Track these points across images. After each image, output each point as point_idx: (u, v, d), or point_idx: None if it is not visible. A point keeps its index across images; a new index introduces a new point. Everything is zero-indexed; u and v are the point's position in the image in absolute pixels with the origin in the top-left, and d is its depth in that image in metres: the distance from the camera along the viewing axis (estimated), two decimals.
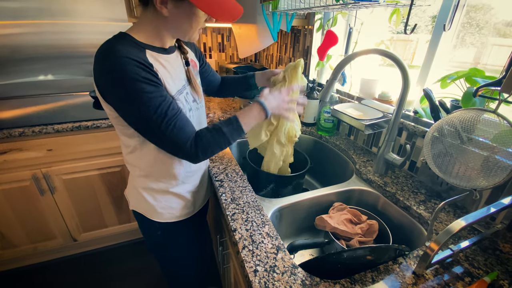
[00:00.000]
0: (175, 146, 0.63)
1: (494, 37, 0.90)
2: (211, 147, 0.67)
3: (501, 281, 0.55)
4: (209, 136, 0.66)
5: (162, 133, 0.61)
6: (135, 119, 0.61)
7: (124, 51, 0.56)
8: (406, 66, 0.76)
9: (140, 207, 0.82)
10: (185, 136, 0.63)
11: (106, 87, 0.58)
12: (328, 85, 0.85)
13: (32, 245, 1.51)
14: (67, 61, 1.25)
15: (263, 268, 0.56)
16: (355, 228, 0.76)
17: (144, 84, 0.56)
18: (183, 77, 0.74)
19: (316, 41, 1.37)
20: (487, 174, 0.63)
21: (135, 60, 0.56)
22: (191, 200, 0.87)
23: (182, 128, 0.62)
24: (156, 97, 0.58)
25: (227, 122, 0.68)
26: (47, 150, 1.33)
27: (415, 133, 0.89)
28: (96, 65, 0.57)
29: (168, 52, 0.69)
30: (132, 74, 0.55)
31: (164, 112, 0.59)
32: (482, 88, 0.65)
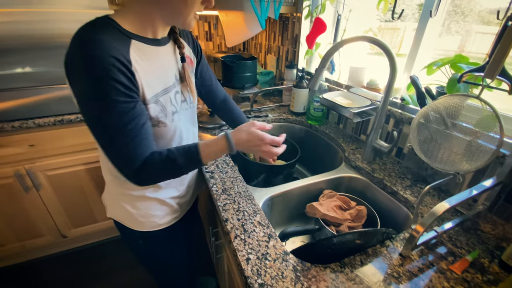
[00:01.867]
0: (119, 164, 0.56)
1: (478, 25, 0.91)
2: (158, 176, 0.61)
3: (482, 259, 0.58)
4: (160, 165, 0.57)
5: (113, 146, 0.54)
6: (90, 122, 0.53)
7: (103, 44, 0.47)
8: (393, 53, 0.76)
9: (118, 215, 0.75)
10: (134, 157, 0.55)
11: (72, 79, 0.50)
12: (317, 74, 0.85)
13: (19, 243, 1.47)
14: (44, 53, 1.19)
15: (255, 256, 0.57)
16: (345, 214, 0.78)
17: (113, 88, 0.48)
18: (174, 74, 0.66)
19: (304, 29, 1.35)
20: (470, 158, 0.65)
21: (113, 57, 0.48)
22: (175, 206, 0.79)
23: (135, 148, 0.54)
24: (124, 107, 0.50)
25: (185, 152, 0.60)
26: (29, 145, 1.28)
27: (402, 120, 0.91)
28: (69, 50, 0.48)
29: (159, 43, 0.61)
30: (104, 73, 0.47)
31: (123, 125, 0.51)
32: (466, 74, 0.66)
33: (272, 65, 1.74)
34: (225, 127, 1.21)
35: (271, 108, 1.42)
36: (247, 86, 1.39)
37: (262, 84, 1.62)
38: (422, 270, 0.55)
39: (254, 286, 0.51)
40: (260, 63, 1.92)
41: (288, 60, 1.55)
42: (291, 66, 1.42)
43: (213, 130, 1.18)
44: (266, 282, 0.52)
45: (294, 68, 1.42)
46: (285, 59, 1.58)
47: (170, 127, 0.65)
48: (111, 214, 0.77)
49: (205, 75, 0.85)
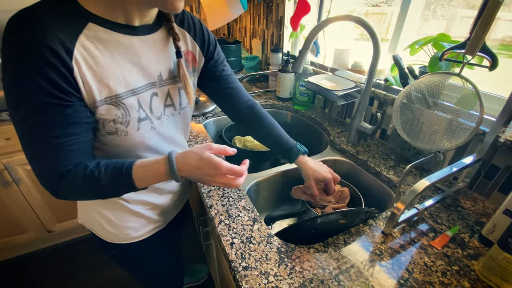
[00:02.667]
0: (36, 172, 0.46)
1: (464, 9, 0.91)
2: (77, 194, 0.50)
3: (462, 234, 0.60)
4: (80, 181, 0.46)
5: (29, 150, 0.44)
6: (17, 126, 0.42)
7: (39, 26, 0.38)
8: (377, 32, 0.75)
9: (88, 222, 0.66)
10: (52, 166, 0.45)
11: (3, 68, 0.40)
12: (301, 55, 0.83)
13: (2, 240, 1.43)
14: None
15: (240, 240, 0.57)
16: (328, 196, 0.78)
17: (39, 88, 0.39)
18: (158, 72, 0.54)
19: (289, 11, 1.32)
20: (450, 136, 0.65)
21: (47, 47, 0.38)
22: (155, 217, 0.68)
23: (57, 156, 0.44)
24: (47, 111, 0.40)
25: (115, 173, 0.47)
26: (5, 139, 1.22)
27: (385, 101, 0.91)
28: (4, 30, 0.38)
29: (135, 31, 0.48)
30: (32, 67, 0.38)
31: (46, 133, 0.42)
32: (447, 51, 0.66)
33: (257, 49, 1.70)
34: (210, 115, 1.18)
35: (257, 94, 1.39)
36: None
37: (247, 69, 1.58)
38: (404, 247, 0.56)
39: (238, 269, 0.51)
40: (245, 48, 1.88)
41: (273, 44, 1.51)
42: (277, 50, 1.39)
43: (197, 117, 1.15)
44: (250, 265, 0.51)
45: (279, 52, 1.39)
46: (271, 43, 1.54)
47: (133, 137, 0.51)
48: (81, 220, 0.68)
49: (221, 76, 0.67)
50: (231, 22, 2.00)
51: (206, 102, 1.21)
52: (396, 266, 0.52)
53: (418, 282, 0.49)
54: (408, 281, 0.49)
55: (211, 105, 1.20)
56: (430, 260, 0.53)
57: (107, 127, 0.48)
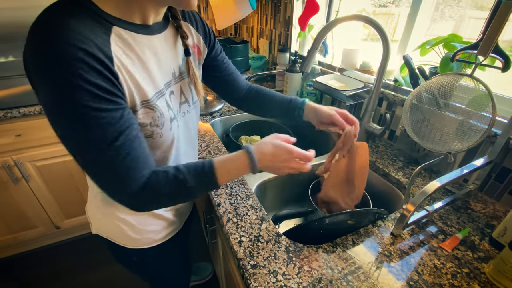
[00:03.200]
0: (110, 189, 0.44)
1: (472, 10, 0.90)
2: (163, 201, 0.49)
3: (472, 237, 0.59)
4: (166, 188, 0.46)
5: (98, 168, 0.42)
6: (64, 137, 0.40)
7: (72, 32, 0.35)
8: (387, 32, 0.75)
9: (106, 231, 0.64)
10: (130, 180, 0.43)
11: (33, 78, 0.37)
12: (309, 55, 0.83)
13: (11, 235, 1.45)
14: None
15: (248, 239, 0.57)
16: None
17: (88, 93, 0.36)
18: (172, 70, 0.53)
19: (297, 11, 1.32)
20: (462, 138, 0.65)
21: (85, 51, 0.35)
22: (173, 219, 0.69)
23: (129, 168, 0.42)
24: (104, 117, 0.38)
25: (197, 173, 0.48)
26: (16, 135, 1.24)
27: (394, 102, 0.90)
28: (26, 44, 0.36)
29: (151, 31, 0.47)
30: (76, 76, 0.35)
31: (110, 140, 0.39)
32: (459, 52, 0.65)
33: (264, 49, 1.70)
34: (217, 114, 1.19)
35: None
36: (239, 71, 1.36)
37: (254, 69, 1.59)
38: (413, 248, 0.56)
39: (247, 267, 0.51)
40: (252, 47, 1.88)
41: (280, 44, 1.51)
42: (284, 50, 1.39)
43: (204, 117, 1.16)
44: (259, 263, 0.51)
45: (287, 52, 1.39)
46: (278, 43, 1.54)
47: (167, 137, 0.52)
48: (97, 230, 0.65)
49: (221, 65, 0.69)
50: (238, 22, 2.00)
51: (213, 102, 1.22)
52: (405, 267, 0.52)
53: (428, 284, 0.49)
54: (417, 282, 0.49)
55: (218, 104, 1.21)
56: (440, 262, 0.53)
57: (144, 131, 0.48)
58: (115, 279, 1.42)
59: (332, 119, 0.64)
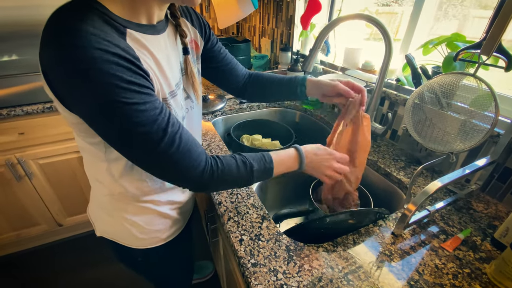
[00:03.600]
0: (177, 175, 0.45)
1: (476, 9, 0.89)
2: (229, 183, 0.51)
3: (474, 237, 0.59)
4: (234, 169, 0.49)
5: (162, 157, 0.42)
6: (118, 141, 0.41)
7: (95, 38, 0.34)
8: (389, 31, 0.74)
9: (111, 232, 0.64)
10: (194, 159, 0.45)
11: (64, 88, 0.37)
12: (311, 54, 0.83)
13: (14, 232, 1.47)
14: (31, 39, 1.14)
15: (249, 237, 0.57)
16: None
17: (130, 92, 0.37)
18: (178, 67, 0.54)
19: (299, 10, 1.31)
20: (464, 138, 0.64)
21: (116, 54, 0.35)
22: (177, 217, 0.69)
23: (189, 149, 0.44)
24: (150, 110, 0.39)
25: (259, 160, 0.52)
26: (19, 133, 1.25)
27: (397, 102, 0.90)
28: (46, 51, 0.35)
29: (157, 30, 0.47)
30: (110, 77, 0.35)
31: (163, 128, 0.40)
32: (462, 51, 0.65)
33: (266, 48, 1.70)
34: (218, 113, 1.19)
35: None
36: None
37: (256, 68, 1.58)
38: (414, 248, 0.56)
39: (248, 266, 0.51)
40: (254, 47, 1.88)
41: (282, 43, 1.51)
42: (286, 49, 1.38)
43: (206, 116, 1.16)
44: (259, 262, 0.52)
45: (288, 51, 1.38)
46: (280, 42, 1.54)
47: None
48: (102, 232, 0.65)
49: (219, 55, 0.68)
50: (240, 21, 2.00)
51: (215, 101, 1.22)
52: (406, 267, 0.52)
53: (429, 284, 0.49)
54: (418, 282, 0.49)
55: (220, 103, 1.21)
56: (441, 262, 0.53)
57: None
58: (116, 277, 1.43)
59: (336, 90, 0.63)
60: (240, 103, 1.25)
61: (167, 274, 0.80)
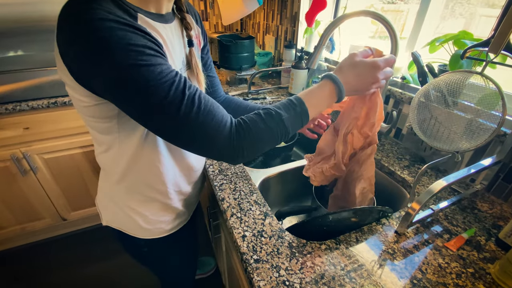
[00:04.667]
0: (206, 138, 0.43)
1: (483, 8, 0.88)
2: (263, 139, 0.46)
3: (478, 237, 0.58)
4: (260, 122, 0.45)
5: (184, 120, 0.40)
6: (138, 106, 0.40)
7: (109, 16, 0.36)
8: (395, 28, 0.73)
9: (118, 222, 0.65)
10: (220, 120, 0.43)
11: (84, 63, 0.37)
12: (315, 51, 0.82)
13: (19, 226, 1.48)
14: (37, 35, 1.15)
15: (251, 233, 0.57)
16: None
17: (145, 55, 0.37)
18: (182, 59, 0.55)
19: (304, 7, 1.30)
20: (470, 137, 0.64)
21: (129, 25, 0.37)
22: (182, 209, 0.70)
23: (211, 110, 0.42)
24: (167, 71, 0.39)
25: (286, 105, 0.48)
26: (24, 128, 1.26)
27: (402, 100, 0.89)
28: (63, 34, 0.37)
29: (165, 19, 0.49)
30: (125, 40, 0.36)
31: (181, 90, 0.40)
32: (470, 49, 0.64)
33: (270, 45, 1.69)
34: None
35: (269, 91, 1.39)
36: (244, 67, 1.35)
37: (260, 65, 1.58)
38: (417, 247, 0.56)
39: (250, 262, 0.51)
40: (258, 44, 1.87)
41: (287, 40, 1.50)
42: (290, 46, 1.38)
43: None
44: (262, 258, 0.52)
45: (293, 48, 1.37)
46: (284, 39, 1.53)
47: None
48: (108, 222, 0.66)
49: (204, 64, 0.70)
50: (244, 18, 1.99)
51: None
52: (409, 266, 0.52)
53: (432, 283, 0.48)
54: (421, 281, 0.49)
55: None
56: (444, 262, 0.53)
57: None
58: (119, 271, 1.44)
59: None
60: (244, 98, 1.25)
61: (171, 267, 0.81)
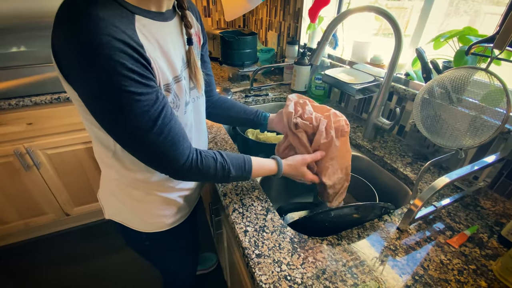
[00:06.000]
0: (162, 162, 0.49)
1: (488, 5, 0.87)
2: (207, 179, 0.57)
3: (480, 234, 0.58)
4: (212, 169, 0.54)
5: (148, 146, 0.45)
6: (110, 123, 0.43)
7: (104, 23, 0.36)
8: (399, 23, 0.73)
9: (119, 215, 0.66)
10: (179, 152, 0.49)
11: (71, 68, 0.39)
12: (319, 47, 0.82)
13: (23, 221, 1.50)
14: (39, 31, 1.15)
15: (253, 229, 0.57)
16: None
17: (129, 80, 0.39)
18: (182, 57, 0.55)
19: (307, 2, 1.29)
20: (474, 134, 0.63)
21: (121, 41, 0.37)
22: (184, 203, 0.70)
23: (177, 141, 0.48)
24: (145, 100, 0.41)
25: (239, 167, 0.58)
26: (27, 124, 1.27)
27: (405, 97, 0.89)
28: (58, 38, 0.37)
29: (165, 18, 0.49)
30: (116, 63, 0.37)
31: (153, 120, 0.43)
32: (475, 45, 0.63)
33: (273, 42, 1.68)
34: None
35: (272, 87, 1.39)
36: (247, 64, 1.35)
37: (262, 62, 1.57)
38: (419, 244, 0.56)
39: (252, 256, 0.51)
40: (260, 40, 1.86)
41: (289, 36, 1.49)
42: (293, 43, 1.37)
43: None
44: (263, 253, 0.52)
45: (295, 45, 1.37)
46: (287, 35, 1.52)
47: (181, 120, 0.55)
48: (110, 215, 0.67)
49: (204, 59, 0.71)
50: (246, 14, 1.98)
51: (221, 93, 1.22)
52: (411, 262, 0.52)
53: (434, 279, 0.48)
54: (423, 277, 0.49)
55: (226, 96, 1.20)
56: (446, 258, 0.52)
57: None
58: (122, 267, 1.45)
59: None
60: (246, 97, 1.25)
61: (172, 262, 0.81)
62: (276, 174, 0.65)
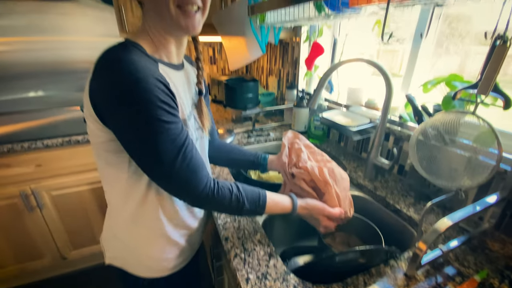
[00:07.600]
0: (184, 188, 0.52)
1: (476, 46, 0.94)
2: (220, 210, 0.63)
3: (491, 279, 0.56)
4: (226, 200, 0.56)
5: (173, 171, 0.49)
6: (141, 151, 0.48)
7: (140, 64, 0.45)
8: (388, 72, 0.79)
9: (120, 259, 0.65)
10: (199, 179, 0.53)
11: (111, 105, 0.45)
12: (315, 93, 0.88)
13: (19, 265, 1.45)
14: (58, 77, 1.26)
15: (255, 276, 0.56)
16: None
17: (162, 110, 0.46)
18: (191, 100, 0.63)
19: (303, 52, 1.41)
20: (471, 174, 0.64)
21: (155, 78, 0.45)
22: (186, 246, 0.69)
23: (198, 168, 0.52)
24: (173, 129, 0.48)
25: (254, 202, 0.59)
26: (36, 165, 1.30)
27: (401, 137, 0.92)
28: (99, 79, 0.45)
29: (176, 68, 0.59)
30: (151, 95, 0.44)
31: (179, 147, 0.49)
32: (460, 91, 0.68)
33: (273, 86, 1.79)
34: None
35: (273, 128, 1.44)
36: (249, 107, 1.43)
37: (264, 104, 1.66)
38: None
39: None
40: (262, 84, 1.98)
41: (288, 81, 1.60)
42: (292, 87, 1.46)
43: None
44: None
45: (294, 89, 1.46)
46: (286, 80, 1.63)
47: None
48: (111, 260, 0.67)
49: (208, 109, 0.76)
50: None
51: (224, 135, 1.27)
52: None
53: None
54: None
55: (229, 137, 1.25)
56: None
57: None
58: None
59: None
60: (248, 137, 1.29)
61: None
62: (290, 213, 0.64)
